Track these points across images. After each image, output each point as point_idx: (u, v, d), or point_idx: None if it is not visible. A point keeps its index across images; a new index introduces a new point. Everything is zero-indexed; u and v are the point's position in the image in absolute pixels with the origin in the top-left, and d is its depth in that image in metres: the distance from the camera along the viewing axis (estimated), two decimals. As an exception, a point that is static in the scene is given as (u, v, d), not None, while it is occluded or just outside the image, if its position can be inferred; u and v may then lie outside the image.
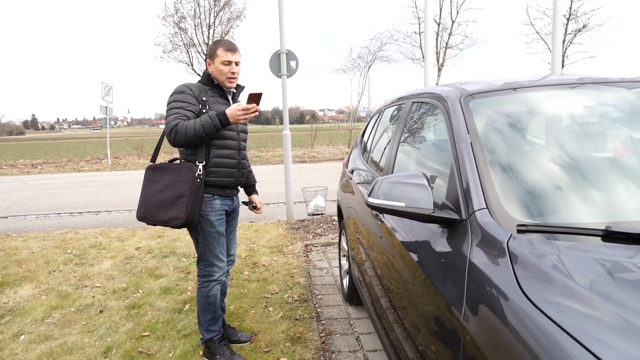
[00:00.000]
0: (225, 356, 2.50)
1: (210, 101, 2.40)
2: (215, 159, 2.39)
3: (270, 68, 6.13)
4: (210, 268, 2.48)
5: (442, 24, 19.49)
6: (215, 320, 2.55)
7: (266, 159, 17.71)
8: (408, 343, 1.67)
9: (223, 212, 2.49)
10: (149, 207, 2.36)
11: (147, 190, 2.40)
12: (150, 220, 2.37)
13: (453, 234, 1.36)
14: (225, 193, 2.47)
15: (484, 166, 1.41)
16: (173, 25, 20.95)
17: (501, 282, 1.03)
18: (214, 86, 2.46)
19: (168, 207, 2.31)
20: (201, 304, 2.51)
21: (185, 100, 2.33)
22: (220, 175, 2.41)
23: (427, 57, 6.44)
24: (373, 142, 3.03)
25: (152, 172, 2.42)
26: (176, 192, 2.30)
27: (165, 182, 2.34)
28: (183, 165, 2.34)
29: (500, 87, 1.86)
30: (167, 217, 2.30)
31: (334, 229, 5.67)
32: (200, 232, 2.42)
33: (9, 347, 2.75)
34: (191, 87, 2.39)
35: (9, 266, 4.38)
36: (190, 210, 2.26)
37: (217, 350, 2.52)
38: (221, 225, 2.47)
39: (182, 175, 2.31)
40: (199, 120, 2.27)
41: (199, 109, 2.35)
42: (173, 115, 2.29)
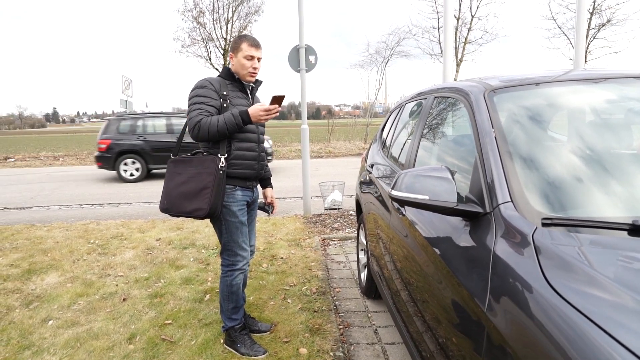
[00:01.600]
0: (246, 345, 2.56)
1: (231, 95, 2.46)
2: (237, 151, 2.45)
3: (289, 63, 6.16)
4: (234, 257, 2.54)
5: (461, 19, 19.26)
6: (237, 309, 2.61)
7: (283, 153, 17.78)
8: (428, 336, 1.69)
9: (244, 203, 2.55)
10: (173, 199, 2.43)
11: (170, 183, 2.47)
12: (174, 212, 2.43)
13: (476, 227, 1.37)
14: (246, 184, 2.53)
15: (508, 160, 1.42)
16: (192, 20, 21.14)
17: (526, 274, 1.05)
18: (234, 80, 2.51)
19: (192, 198, 2.37)
20: (224, 293, 2.57)
21: (207, 95, 2.39)
22: (241, 167, 2.47)
23: (446, 52, 6.39)
24: (393, 137, 3.04)
25: (174, 165, 2.48)
26: (200, 184, 2.36)
27: (189, 175, 2.40)
28: (206, 158, 2.40)
29: (523, 81, 1.86)
30: (191, 208, 2.36)
31: (351, 223, 5.70)
32: (224, 222, 2.48)
33: (38, 331, 2.86)
34: (212, 81, 2.44)
35: (35, 254, 4.51)
36: (213, 201, 2.33)
37: (238, 338, 2.58)
38: (243, 215, 2.53)
39: (205, 168, 2.37)
40: (222, 117, 2.33)
41: (220, 103, 2.41)
42: (196, 111, 2.35)
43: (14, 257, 4.45)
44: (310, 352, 2.54)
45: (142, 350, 2.60)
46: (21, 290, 3.58)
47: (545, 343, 0.90)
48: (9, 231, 5.58)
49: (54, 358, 2.53)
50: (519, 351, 0.97)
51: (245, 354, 2.53)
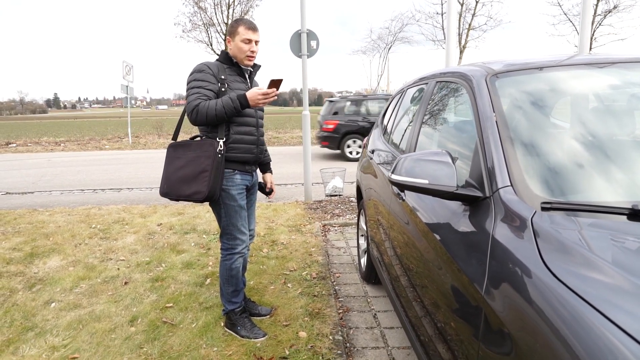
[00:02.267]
0: (246, 328, 2.59)
1: (229, 79, 2.46)
2: (235, 135, 2.46)
3: (291, 48, 6.11)
4: (233, 241, 2.56)
5: (465, 4, 19.03)
6: (237, 292, 2.63)
7: (284, 140, 17.75)
8: (427, 320, 1.70)
9: (244, 187, 2.57)
10: (172, 183, 2.44)
11: (169, 167, 2.48)
12: (173, 196, 2.44)
13: (476, 211, 1.37)
14: (245, 168, 2.55)
15: (508, 145, 1.41)
16: (193, 5, 20.91)
17: (524, 257, 1.05)
18: (232, 65, 2.51)
19: (191, 182, 2.38)
20: (224, 277, 2.60)
21: (205, 79, 2.39)
22: (240, 151, 2.49)
23: (450, 38, 6.33)
24: (394, 122, 3.03)
25: (173, 150, 2.50)
26: (198, 168, 2.37)
27: (187, 159, 2.42)
28: (204, 142, 2.41)
29: (526, 66, 1.84)
30: (190, 192, 2.38)
31: (352, 209, 5.71)
32: (223, 206, 2.50)
33: (41, 313, 2.89)
34: (210, 65, 2.44)
35: (37, 239, 4.54)
36: (212, 184, 2.34)
37: (238, 321, 2.61)
38: (242, 199, 2.55)
39: (204, 152, 2.38)
40: (220, 101, 2.33)
41: (218, 87, 2.41)
42: (194, 95, 2.35)
43: (17, 240, 4.47)
44: (309, 336, 2.56)
45: (143, 332, 2.63)
46: (24, 273, 3.61)
47: (543, 326, 0.90)
48: (11, 215, 5.61)
49: (57, 339, 2.56)
50: (516, 334, 0.97)
51: (245, 336, 2.56)
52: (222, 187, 2.43)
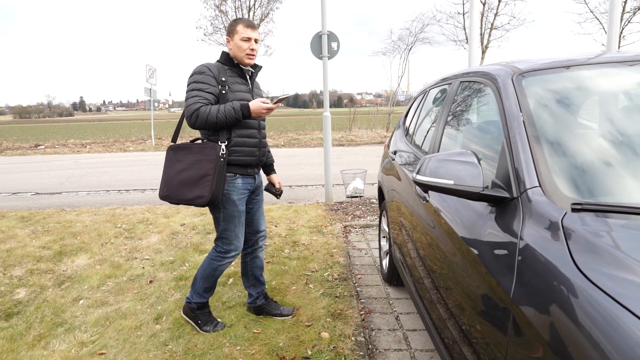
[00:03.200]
0: (212, 323, 2.66)
1: (229, 81, 2.44)
2: (237, 138, 2.44)
3: (312, 49, 6.13)
4: (228, 246, 2.55)
5: (487, 4, 18.77)
6: (209, 290, 2.67)
7: (304, 141, 17.80)
8: (451, 322, 1.69)
9: (245, 192, 2.55)
10: (173, 186, 2.43)
11: (169, 170, 2.47)
12: (173, 199, 2.44)
13: (503, 212, 1.35)
14: (247, 172, 2.53)
15: (536, 145, 1.39)
16: (214, 8, 21.19)
17: (555, 259, 1.03)
18: (233, 66, 2.49)
19: (192, 186, 2.36)
20: (206, 273, 2.60)
21: (205, 81, 2.37)
22: (242, 154, 2.46)
23: (472, 39, 6.26)
24: (417, 123, 3.01)
25: (174, 152, 2.48)
26: (200, 172, 2.35)
27: (189, 162, 2.40)
28: (206, 145, 2.39)
29: (553, 64, 1.80)
30: (192, 196, 2.36)
31: (373, 211, 5.69)
32: (223, 210, 2.48)
33: (70, 310, 2.97)
34: (210, 67, 2.41)
35: (65, 237, 4.66)
36: (214, 189, 2.33)
37: (200, 316, 2.67)
38: (242, 205, 2.54)
39: (206, 155, 2.36)
40: (222, 108, 2.32)
41: (219, 90, 2.38)
42: (194, 98, 2.33)
43: (46, 239, 4.61)
44: (332, 337, 2.57)
45: (168, 330, 2.67)
46: (53, 270, 3.71)
47: (575, 329, 0.89)
48: (41, 215, 5.78)
49: (85, 335, 2.63)
50: (547, 338, 0.96)
51: (207, 331, 2.62)
52: (223, 192, 2.41)
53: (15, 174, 10.47)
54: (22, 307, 3.02)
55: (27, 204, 6.89)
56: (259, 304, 2.84)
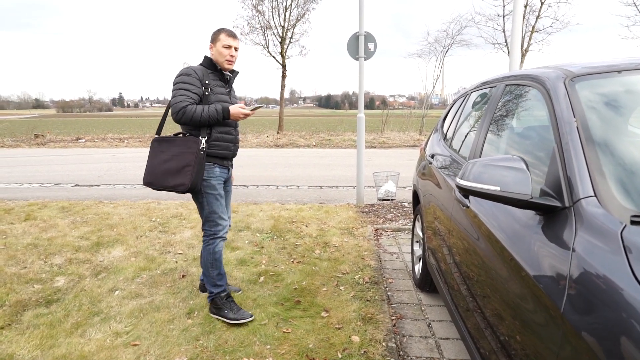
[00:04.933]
0: (233, 310, 2.78)
1: (212, 84, 2.72)
2: (217, 134, 2.73)
3: (348, 50, 6.10)
4: (215, 227, 2.81)
5: (529, 6, 18.23)
6: (221, 275, 2.86)
7: (336, 142, 17.78)
8: (489, 332, 1.63)
9: (221, 179, 2.82)
10: (156, 174, 2.70)
11: (153, 160, 2.73)
12: (156, 186, 2.70)
13: (552, 222, 1.29)
14: (223, 163, 2.82)
15: (591, 152, 1.32)
16: (251, 8, 21.40)
17: (613, 274, 0.97)
18: (215, 70, 2.75)
19: (174, 174, 2.64)
20: (209, 261, 2.82)
21: (192, 82, 2.63)
22: (220, 148, 2.76)
23: (514, 41, 6.08)
24: (457, 126, 2.93)
25: (158, 144, 2.74)
26: (182, 162, 2.62)
27: (172, 153, 2.67)
28: (189, 139, 2.66)
29: (608, 68, 1.71)
30: (174, 183, 2.64)
31: (405, 215, 5.60)
32: (205, 195, 2.75)
33: (106, 300, 3.04)
34: (196, 70, 2.67)
35: (102, 229, 4.80)
36: (194, 177, 2.61)
37: (225, 305, 2.80)
38: (221, 189, 2.82)
39: (188, 148, 2.64)
40: (206, 109, 2.61)
41: (202, 91, 2.66)
42: (181, 97, 2.59)
43: (85, 230, 4.76)
44: (362, 341, 2.53)
45: (199, 325, 2.70)
46: (91, 261, 3.82)
47: (637, 352, 0.83)
48: (80, 206, 5.98)
49: (120, 325, 2.69)
50: (603, 356, 0.90)
51: (233, 318, 2.73)
52: (203, 179, 2.70)
53: (57, 166, 10.88)
54: (62, 295, 3.12)
55: (68, 194, 7.15)
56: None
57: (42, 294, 3.13)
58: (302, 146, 16.78)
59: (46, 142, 18.24)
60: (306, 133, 22.35)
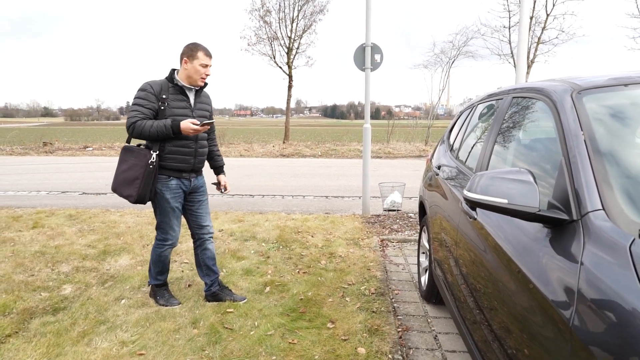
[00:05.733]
0: (164, 298, 3.12)
1: (170, 98, 2.81)
2: (171, 147, 2.81)
3: (355, 61, 6.15)
4: (165, 235, 2.99)
5: (535, 18, 18.28)
6: (162, 272, 3.14)
7: (341, 152, 17.81)
8: (496, 345, 1.62)
9: (179, 191, 2.92)
10: (117, 183, 2.85)
11: (118, 168, 2.88)
12: (118, 194, 2.85)
13: (560, 235, 1.29)
14: (181, 175, 2.90)
15: (599, 165, 1.32)
16: (258, 19, 21.65)
17: (622, 288, 0.97)
18: (176, 85, 2.84)
19: (127, 185, 2.79)
20: (153, 259, 3.08)
21: (146, 98, 2.76)
22: (176, 161, 2.84)
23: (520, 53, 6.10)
24: (463, 138, 2.94)
25: (124, 153, 2.89)
26: (134, 174, 2.77)
27: (130, 164, 2.81)
28: (141, 152, 2.80)
29: (615, 82, 1.72)
30: (126, 194, 2.80)
31: (411, 225, 5.59)
32: (158, 205, 2.91)
33: (112, 308, 3.05)
34: (153, 85, 2.79)
35: (109, 237, 4.83)
36: (141, 191, 2.75)
37: (158, 293, 3.15)
38: (176, 202, 2.92)
39: (140, 160, 2.77)
40: (155, 124, 2.71)
41: (158, 106, 2.77)
42: (133, 112, 2.75)
43: (92, 238, 4.78)
44: (368, 353, 2.52)
45: (205, 335, 2.70)
46: (97, 269, 3.84)
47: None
48: (87, 214, 6.02)
49: (126, 335, 2.69)
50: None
51: (162, 304, 3.07)
52: (156, 190, 2.83)
53: (65, 174, 10.97)
54: (68, 303, 3.13)
55: (75, 202, 7.20)
56: (213, 291, 3.20)
57: (49, 302, 3.14)
58: (308, 156, 16.82)
59: (54, 150, 18.42)
60: (312, 143, 22.41)
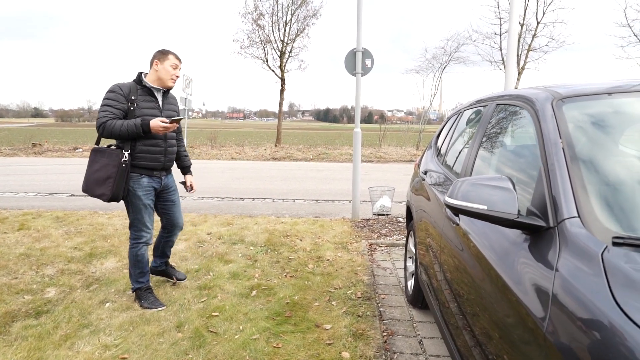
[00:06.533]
0: (149, 300, 3.11)
1: (139, 99, 2.92)
2: (142, 146, 2.92)
3: (345, 66, 6.17)
4: (139, 233, 3.06)
5: (525, 25, 18.50)
6: (143, 274, 3.14)
7: (333, 156, 17.84)
8: (477, 351, 1.63)
9: (151, 189, 3.03)
10: (89, 183, 2.92)
11: (89, 169, 2.94)
12: (89, 194, 2.92)
13: (537, 241, 1.30)
14: (152, 174, 3.01)
15: (576, 173, 1.34)
16: (251, 22, 21.68)
17: (593, 294, 0.98)
18: (144, 87, 2.96)
19: (100, 184, 2.86)
20: (132, 261, 3.11)
21: (115, 99, 2.85)
22: (146, 159, 2.95)
23: (510, 60, 6.17)
24: (450, 144, 2.96)
25: (94, 154, 2.95)
26: (107, 173, 2.84)
27: (102, 164, 2.88)
28: (113, 152, 2.88)
29: (594, 91, 1.75)
30: (99, 193, 2.87)
31: (399, 230, 5.61)
32: (130, 203, 2.98)
33: (96, 312, 3.02)
34: (122, 87, 2.90)
35: (96, 240, 4.79)
36: (115, 189, 2.83)
37: (142, 296, 3.14)
38: (148, 199, 3.02)
39: (112, 160, 2.85)
40: (125, 123, 2.79)
41: (127, 107, 2.87)
42: (103, 112, 2.82)
43: (78, 240, 4.74)
44: (352, 357, 2.52)
45: (189, 339, 2.69)
46: (83, 272, 3.80)
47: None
48: (74, 216, 5.96)
49: (109, 338, 2.67)
50: (582, 376, 0.91)
51: (147, 307, 3.07)
52: (129, 188, 2.90)
53: (54, 175, 10.87)
54: (52, 306, 3.10)
55: (63, 204, 7.13)
56: (160, 269, 3.50)
57: (32, 305, 3.11)
58: (300, 159, 16.82)
59: (43, 151, 18.24)
60: (304, 146, 22.43)
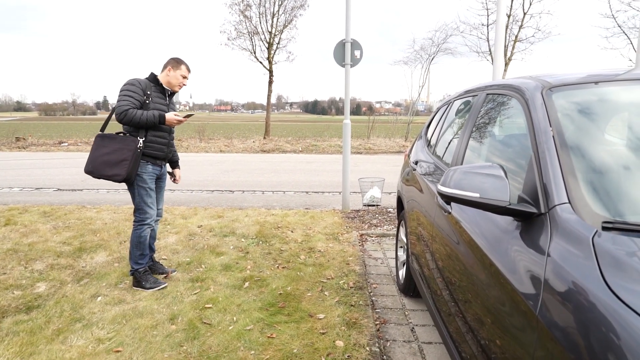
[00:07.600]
0: (149, 281, 3.31)
1: (153, 95, 3.27)
2: (151, 137, 3.26)
3: (335, 57, 6.15)
4: (143, 215, 3.31)
5: (512, 16, 18.58)
6: (143, 256, 3.36)
7: (322, 148, 17.83)
8: (470, 336, 1.66)
9: (154, 175, 3.36)
10: (97, 164, 3.15)
11: (96, 152, 3.18)
12: (96, 174, 3.15)
13: (529, 227, 1.33)
14: (156, 162, 3.34)
15: (566, 160, 1.36)
16: (239, 13, 21.44)
17: (585, 278, 1.01)
18: (157, 84, 3.32)
19: (113, 166, 3.12)
20: (134, 242, 3.32)
21: (135, 91, 3.17)
22: (153, 149, 3.29)
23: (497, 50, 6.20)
24: (440, 134, 2.99)
25: (101, 139, 3.22)
26: (121, 156, 3.12)
27: (112, 148, 3.16)
28: (127, 138, 3.18)
29: (584, 80, 1.77)
30: (112, 173, 3.12)
31: (389, 220, 5.65)
32: (137, 187, 3.26)
33: (88, 306, 3.01)
34: (141, 82, 3.22)
35: (85, 234, 4.74)
36: (129, 170, 3.12)
37: (142, 278, 3.32)
38: (152, 184, 3.34)
39: (127, 145, 3.15)
40: (146, 113, 3.14)
41: (144, 99, 3.19)
42: (126, 101, 3.11)
43: (67, 235, 4.69)
44: (346, 345, 2.55)
45: (183, 330, 2.69)
46: (73, 266, 3.77)
47: (605, 351, 0.86)
48: (62, 211, 5.89)
49: (102, 332, 2.66)
50: (575, 358, 0.93)
51: (150, 287, 3.28)
52: (137, 173, 3.20)
53: (39, 170, 10.71)
54: (42, 301, 3.08)
55: (50, 199, 7.04)
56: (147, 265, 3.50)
57: (22, 300, 3.08)
58: (289, 151, 16.79)
59: (28, 146, 17.94)
60: (293, 138, 22.37)
